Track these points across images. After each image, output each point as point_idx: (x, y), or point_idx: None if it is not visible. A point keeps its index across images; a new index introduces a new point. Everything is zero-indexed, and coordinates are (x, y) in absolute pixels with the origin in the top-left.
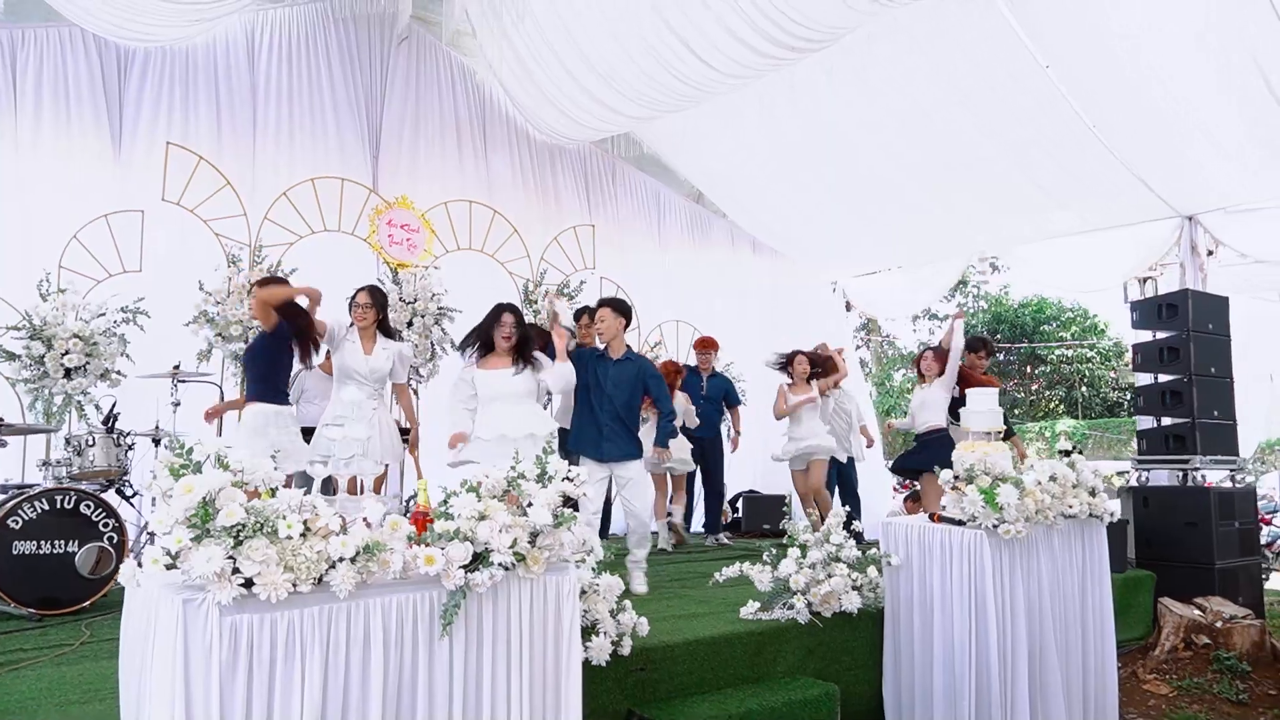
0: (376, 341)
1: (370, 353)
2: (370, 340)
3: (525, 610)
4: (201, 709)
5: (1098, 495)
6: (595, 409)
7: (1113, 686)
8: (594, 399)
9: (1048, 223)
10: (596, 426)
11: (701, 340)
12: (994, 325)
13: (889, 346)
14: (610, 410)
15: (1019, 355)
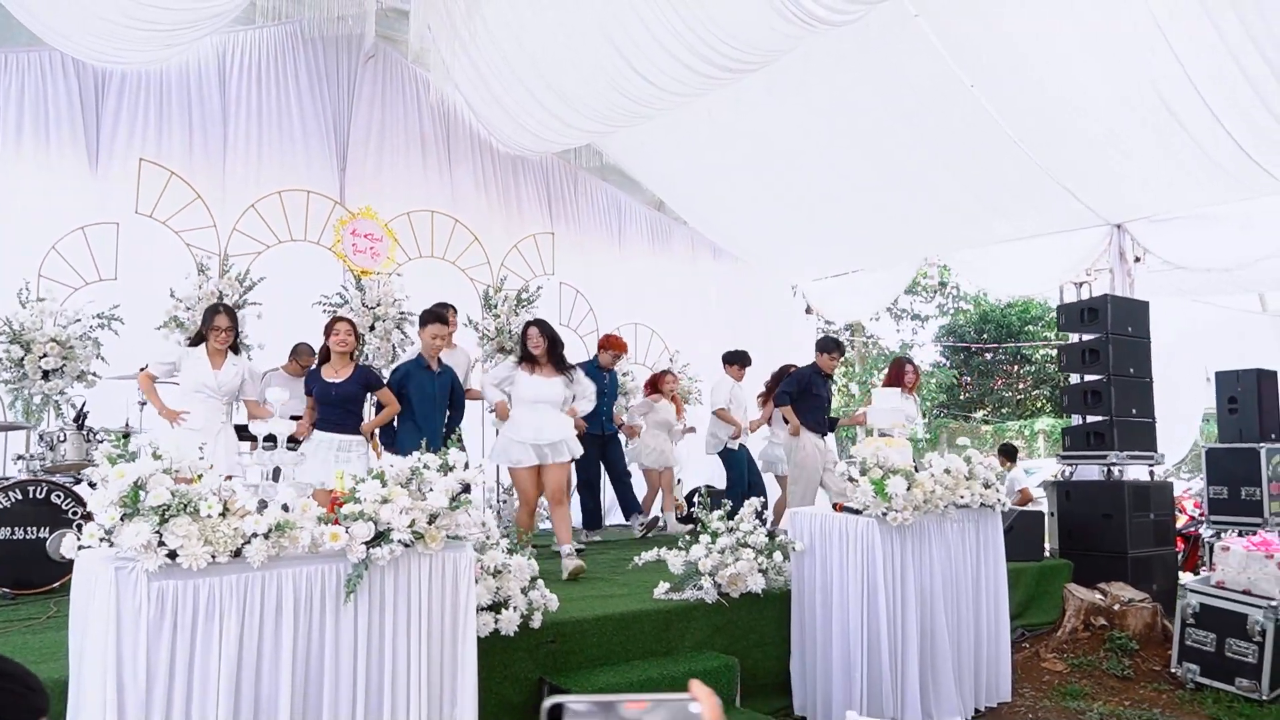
0: (227, 359)
1: (219, 367)
2: (221, 357)
3: (424, 582)
4: (130, 661)
5: (990, 487)
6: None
7: (1006, 665)
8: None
9: (987, 229)
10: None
11: (613, 341)
12: (980, 325)
13: (873, 346)
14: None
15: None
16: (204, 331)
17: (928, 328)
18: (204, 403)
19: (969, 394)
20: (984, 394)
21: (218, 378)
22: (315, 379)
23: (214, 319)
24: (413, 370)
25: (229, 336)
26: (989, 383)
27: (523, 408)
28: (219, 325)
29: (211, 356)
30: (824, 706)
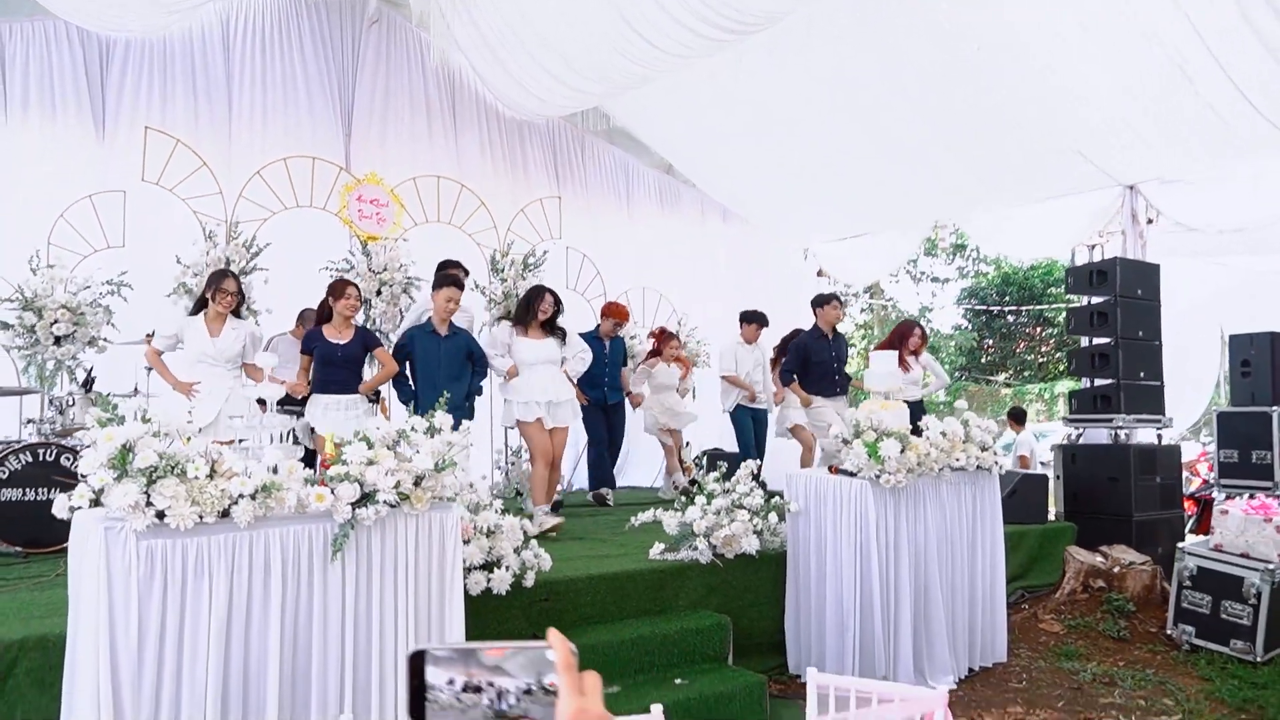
0: (226, 324)
1: (219, 334)
2: (219, 323)
3: (411, 542)
4: (122, 618)
5: (987, 450)
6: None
7: (1002, 626)
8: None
9: (998, 191)
10: None
11: (615, 309)
12: (1002, 288)
13: (891, 309)
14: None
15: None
16: (207, 295)
17: (947, 290)
18: (208, 371)
19: (991, 357)
20: (1006, 357)
21: (216, 345)
22: (318, 339)
23: (221, 282)
24: (418, 335)
25: (234, 301)
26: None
27: (523, 370)
28: (226, 289)
29: (210, 323)
30: (817, 665)
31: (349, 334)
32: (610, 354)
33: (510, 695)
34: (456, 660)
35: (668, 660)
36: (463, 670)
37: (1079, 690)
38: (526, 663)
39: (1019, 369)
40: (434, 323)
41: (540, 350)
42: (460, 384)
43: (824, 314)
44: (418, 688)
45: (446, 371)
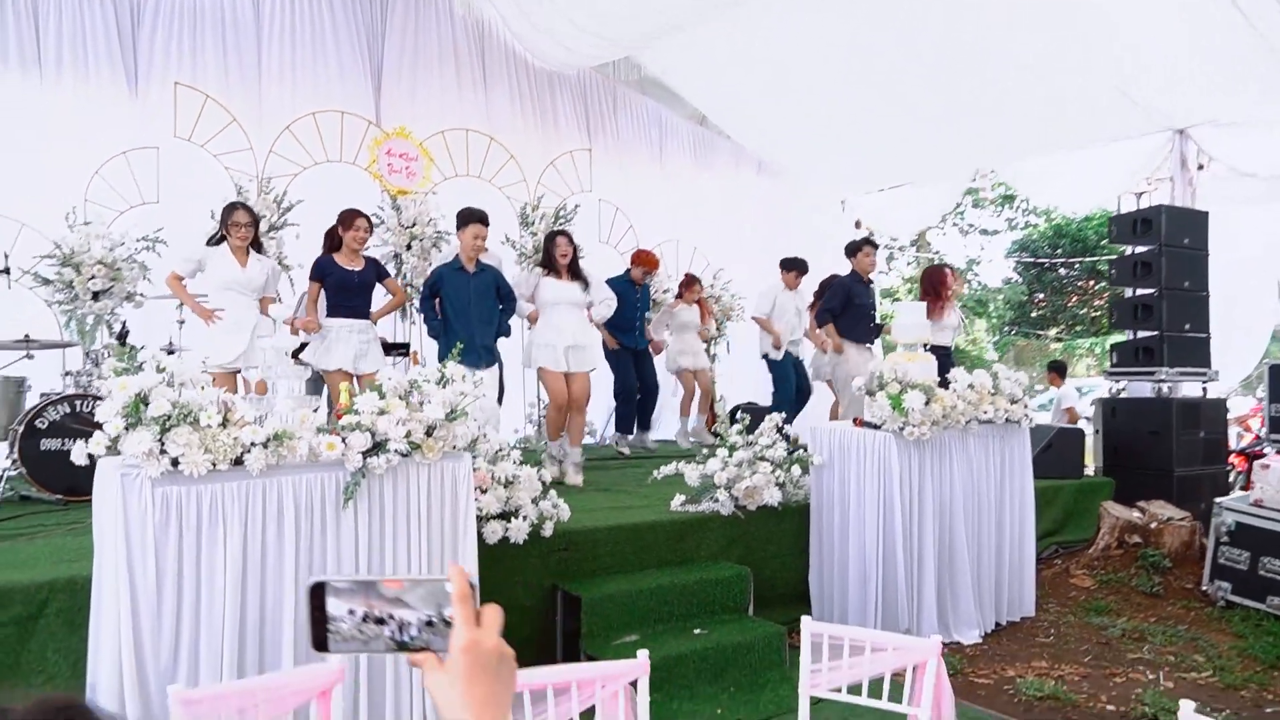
0: (250, 255)
1: (245, 265)
2: (244, 254)
3: (424, 490)
4: (140, 562)
5: (1017, 403)
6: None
7: (1030, 580)
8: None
9: (1040, 138)
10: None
11: (645, 256)
12: (1054, 240)
13: (939, 261)
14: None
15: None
16: (223, 230)
17: (996, 243)
18: (235, 300)
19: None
20: (1057, 311)
21: (245, 273)
22: (332, 267)
23: (233, 214)
24: (446, 273)
25: (249, 233)
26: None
27: (546, 310)
28: (238, 220)
29: (235, 252)
30: (840, 617)
31: (361, 262)
32: (641, 300)
33: (412, 627)
34: (356, 592)
35: (687, 610)
36: (363, 602)
37: (1107, 645)
38: (426, 595)
39: (1071, 323)
40: (461, 259)
41: (564, 291)
42: (489, 326)
43: (859, 260)
44: (319, 619)
45: (477, 308)
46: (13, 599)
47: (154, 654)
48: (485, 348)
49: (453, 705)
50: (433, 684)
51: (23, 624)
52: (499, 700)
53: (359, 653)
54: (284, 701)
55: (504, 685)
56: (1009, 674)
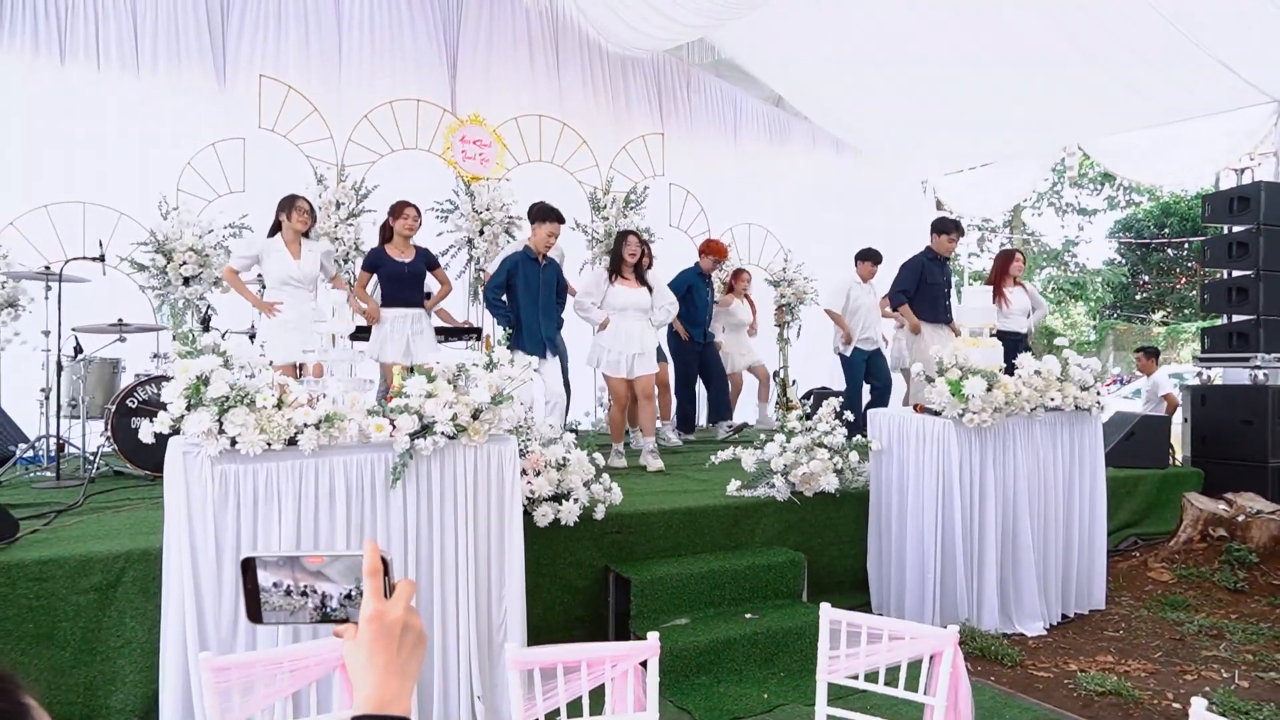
0: (302, 246)
1: (299, 256)
2: (297, 245)
3: (470, 472)
4: (201, 533)
5: (1088, 390)
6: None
7: (1100, 572)
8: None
9: (1131, 113)
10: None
11: (713, 246)
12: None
13: (1034, 243)
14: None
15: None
16: (282, 218)
17: (1096, 223)
18: (292, 294)
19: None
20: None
21: (300, 267)
22: (384, 258)
23: (295, 203)
24: (521, 261)
25: (309, 221)
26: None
27: (614, 317)
28: (301, 207)
29: (289, 245)
30: (898, 605)
31: (411, 252)
32: (711, 291)
33: (334, 599)
34: (283, 566)
35: (739, 595)
36: (289, 575)
37: (1180, 641)
38: (345, 569)
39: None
40: (534, 250)
41: (632, 298)
42: (551, 318)
43: (940, 242)
44: (252, 591)
45: (544, 297)
46: (93, 568)
47: (215, 623)
48: (549, 339)
49: (358, 672)
50: (347, 653)
51: (103, 591)
52: (402, 669)
53: (288, 623)
54: (308, 671)
55: (408, 655)
56: (1071, 668)
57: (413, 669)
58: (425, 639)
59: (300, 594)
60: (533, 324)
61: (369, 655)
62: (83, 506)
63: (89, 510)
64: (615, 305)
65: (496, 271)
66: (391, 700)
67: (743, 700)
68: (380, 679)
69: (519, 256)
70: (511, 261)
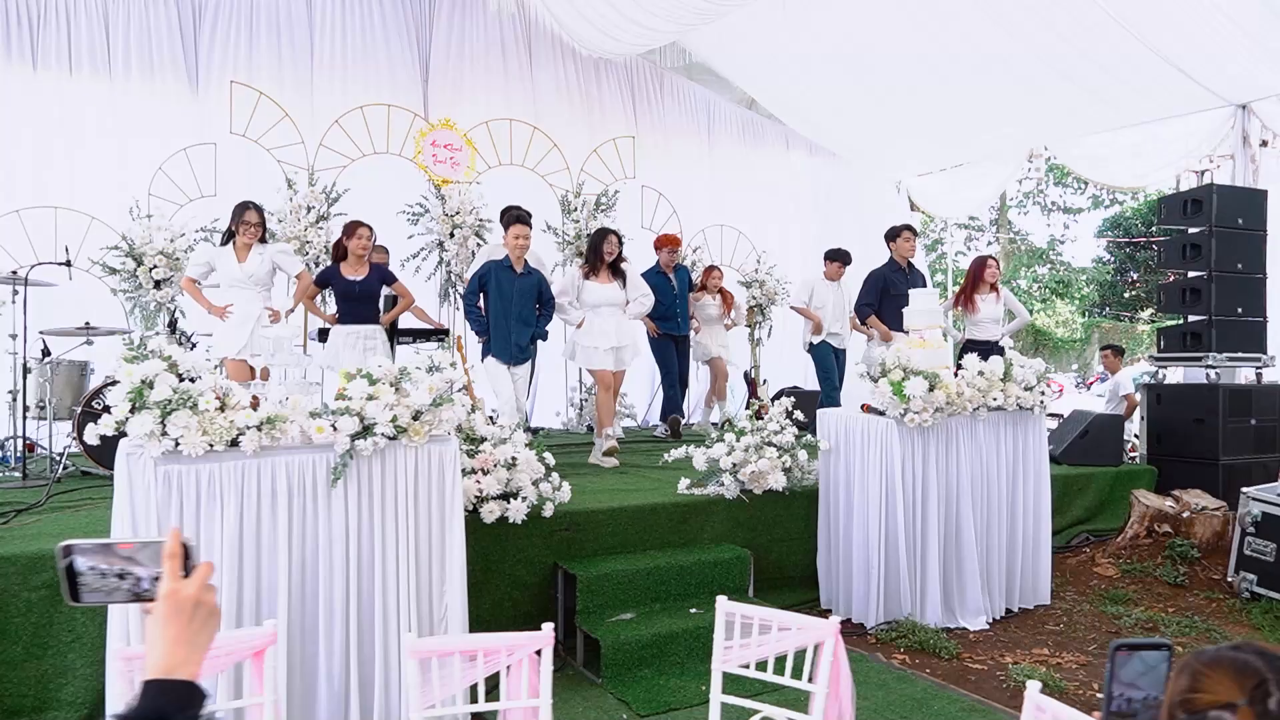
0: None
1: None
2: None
3: (411, 471)
4: (144, 532)
5: (1031, 390)
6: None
7: (1045, 568)
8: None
9: (1095, 117)
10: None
11: (665, 238)
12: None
13: (1020, 242)
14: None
15: None
16: (233, 228)
17: (1080, 221)
18: (240, 294)
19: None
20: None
21: (244, 269)
22: (336, 276)
23: (244, 214)
24: (494, 269)
25: (257, 231)
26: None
27: (591, 314)
28: (248, 220)
29: (239, 251)
30: (845, 601)
31: (364, 270)
32: (678, 286)
33: (144, 581)
34: (97, 551)
35: (685, 590)
36: (103, 559)
37: (1115, 634)
38: (153, 554)
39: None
40: (510, 259)
41: (606, 294)
42: (526, 328)
43: (898, 246)
44: (70, 574)
45: (518, 307)
46: (45, 566)
47: None
48: (519, 346)
49: (152, 644)
50: (146, 626)
51: (54, 588)
52: (191, 642)
53: (106, 602)
54: (218, 662)
55: (198, 629)
56: (1005, 660)
57: (203, 640)
58: (218, 613)
59: (116, 576)
60: (503, 331)
61: (162, 628)
62: (44, 506)
63: (50, 510)
64: (590, 302)
65: (470, 280)
66: (178, 666)
67: (681, 693)
68: (169, 648)
69: (493, 264)
70: (485, 269)
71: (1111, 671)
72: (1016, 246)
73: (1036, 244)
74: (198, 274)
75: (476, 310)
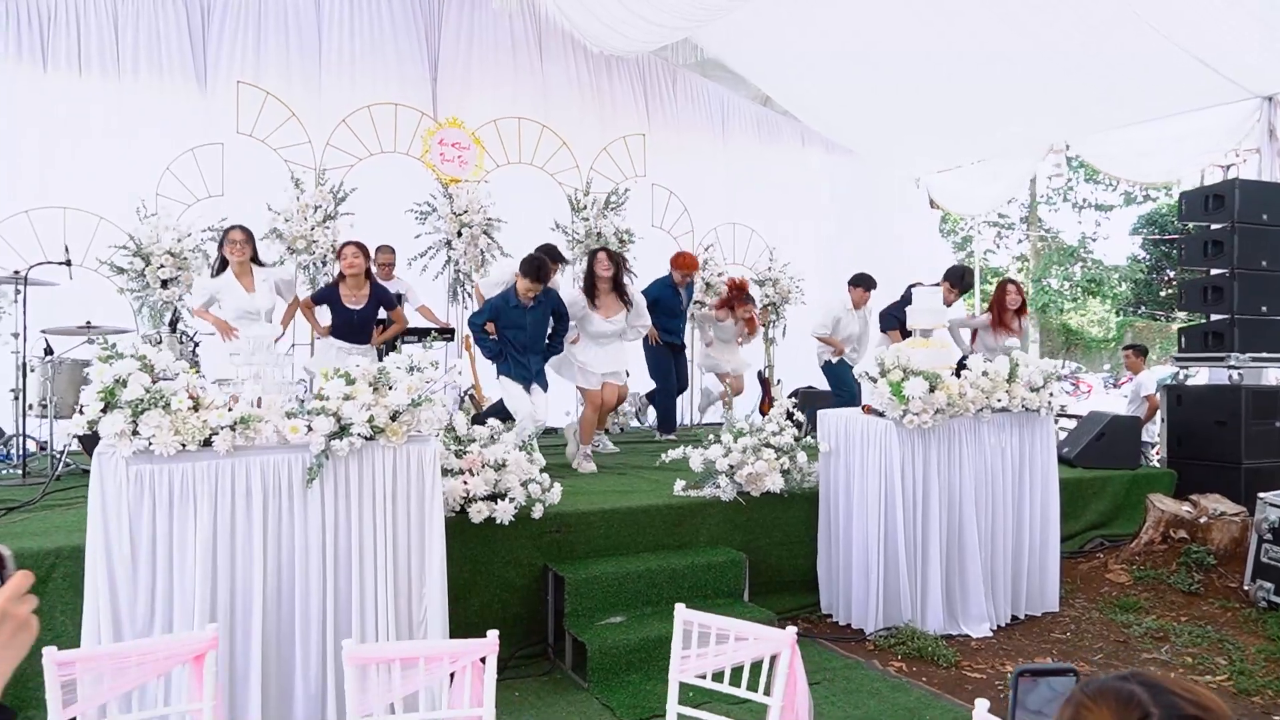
0: (254, 276)
1: (253, 289)
2: (249, 277)
3: (389, 471)
4: (116, 532)
5: (1037, 391)
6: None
7: (1053, 574)
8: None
9: (1116, 110)
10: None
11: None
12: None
13: (1050, 240)
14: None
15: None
16: (223, 254)
17: (1111, 218)
18: (248, 327)
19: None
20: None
21: (254, 301)
22: (335, 301)
23: (227, 235)
24: (502, 308)
25: (246, 249)
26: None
27: (589, 342)
28: (234, 239)
29: (241, 279)
30: (845, 606)
31: (363, 295)
32: (685, 300)
33: None
34: None
35: (676, 594)
36: None
37: (1124, 644)
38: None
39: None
40: (518, 296)
41: (608, 326)
42: (539, 357)
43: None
44: None
45: (531, 335)
46: (23, 564)
47: (130, 621)
48: (536, 373)
49: None
50: None
51: (33, 587)
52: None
53: None
54: (157, 665)
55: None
56: (1006, 669)
57: (10, 655)
58: (31, 626)
59: None
60: (518, 362)
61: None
62: (38, 504)
63: (42, 508)
64: (591, 332)
65: (479, 311)
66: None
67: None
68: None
69: (500, 303)
70: (490, 307)
71: (1015, 699)
72: (1047, 244)
73: (1067, 241)
74: (201, 304)
75: (485, 335)
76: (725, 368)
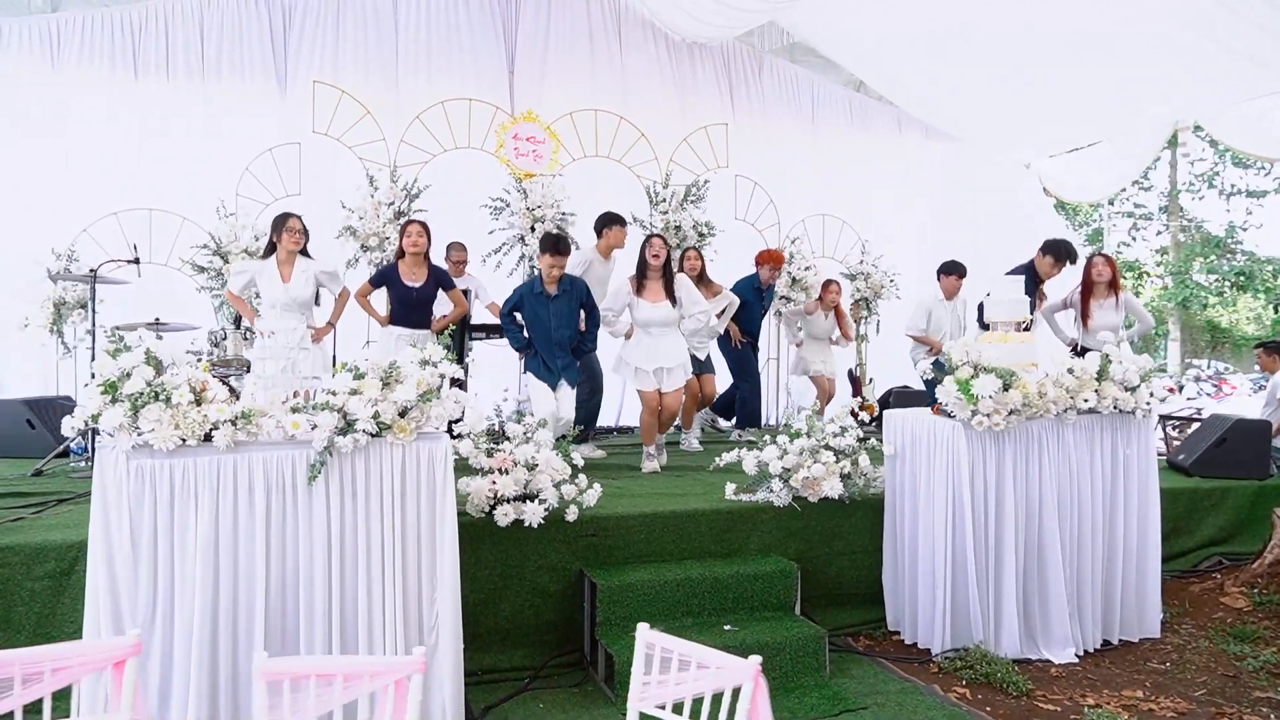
0: (295, 266)
1: (289, 279)
2: (290, 266)
3: (398, 469)
4: (116, 527)
5: (1133, 391)
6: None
7: (1153, 595)
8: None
9: (1247, 83)
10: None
11: (771, 255)
12: None
13: (1194, 230)
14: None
15: None
16: (274, 239)
17: (1265, 205)
18: (281, 317)
19: None
20: None
21: (289, 291)
22: (394, 281)
23: (286, 222)
24: (526, 296)
25: (300, 240)
26: None
27: (640, 334)
28: (291, 228)
29: (281, 267)
30: (911, 624)
31: (423, 274)
32: (767, 301)
33: None
34: None
35: (720, 605)
36: None
37: (1234, 679)
38: None
39: None
40: (543, 283)
41: (656, 313)
42: (564, 352)
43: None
44: None
45: (556, 329)
46: (48, 556)
47: (131, 615)
48: (563, 369)
49: None
50: None
51: (57, 579)
52: None
53: None
54: (73, 671)
55: None
56: (1087, 701)
57: None
58: None
59: None
60: (541, 355)
61: None
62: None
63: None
64: (640, 321)
65: (509, 298)
66: None
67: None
68: None
69: (524, 290)
70: (517, 296)
71: None
72: (1190, 235)
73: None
74: (238, 286)
75: (514, 328)
76: (816, 368)
